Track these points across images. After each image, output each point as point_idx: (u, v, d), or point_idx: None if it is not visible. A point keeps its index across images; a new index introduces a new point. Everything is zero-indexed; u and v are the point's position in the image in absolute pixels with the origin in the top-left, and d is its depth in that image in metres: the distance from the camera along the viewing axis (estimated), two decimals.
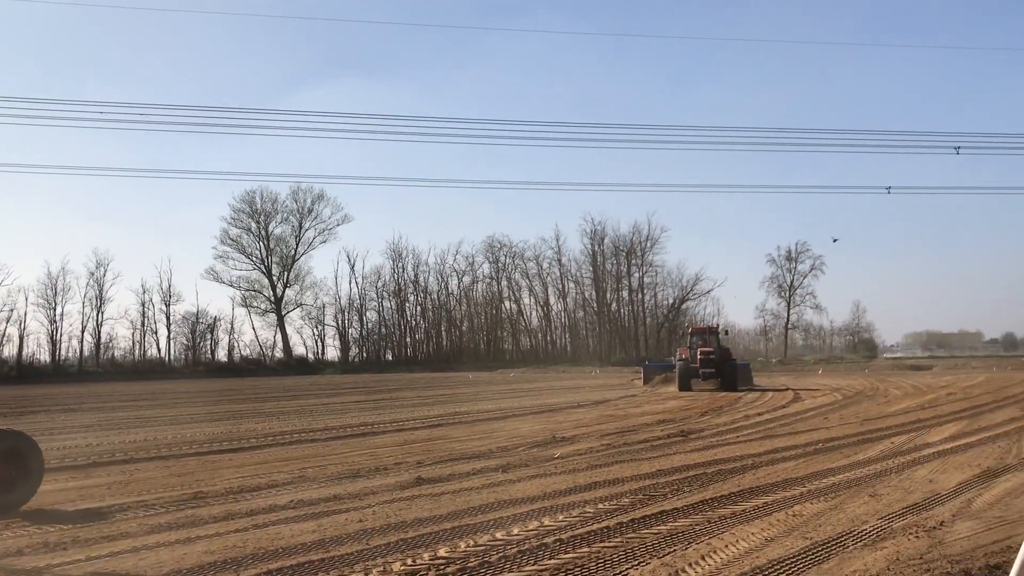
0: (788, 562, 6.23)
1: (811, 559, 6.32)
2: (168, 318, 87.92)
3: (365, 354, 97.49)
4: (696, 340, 35.97)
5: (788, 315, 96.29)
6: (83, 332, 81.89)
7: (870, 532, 7.20)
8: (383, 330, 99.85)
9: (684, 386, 33.02)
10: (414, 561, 6.46)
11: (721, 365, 33.35)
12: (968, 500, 8.65)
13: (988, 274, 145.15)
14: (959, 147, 48.45)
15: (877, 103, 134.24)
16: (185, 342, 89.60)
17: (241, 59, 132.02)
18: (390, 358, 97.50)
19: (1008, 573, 3.29)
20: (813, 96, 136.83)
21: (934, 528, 7.29)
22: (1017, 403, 22.47)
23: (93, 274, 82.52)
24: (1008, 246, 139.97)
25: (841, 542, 6.85)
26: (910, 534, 7.06)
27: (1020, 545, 3.24)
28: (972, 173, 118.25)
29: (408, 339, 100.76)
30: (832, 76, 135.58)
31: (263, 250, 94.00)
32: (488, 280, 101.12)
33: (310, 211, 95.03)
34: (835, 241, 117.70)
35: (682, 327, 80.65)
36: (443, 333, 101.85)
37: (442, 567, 6.27)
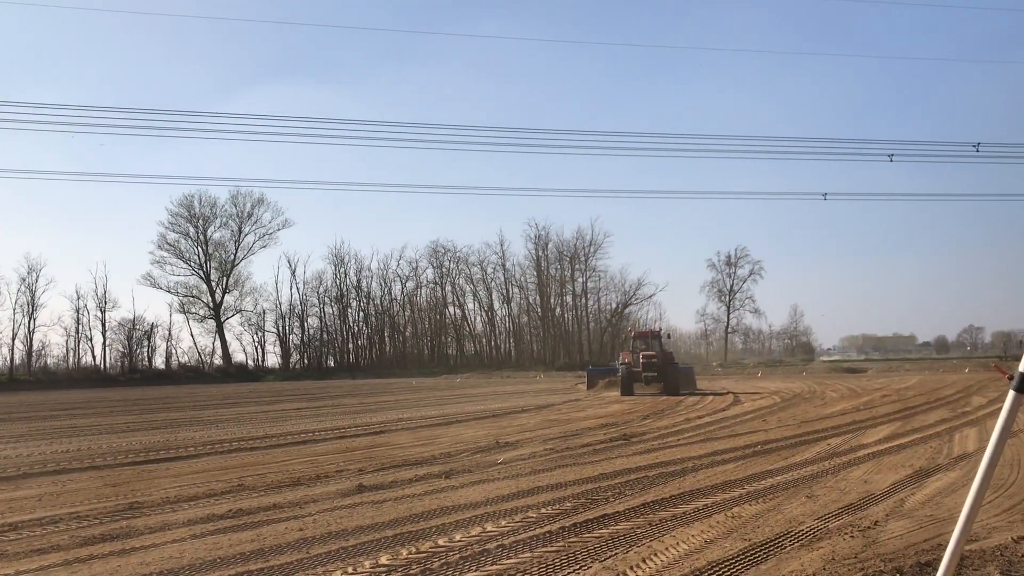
0: (727, 563, 6.30)
1: (749, 560, 6.40)
2: (103, 325, 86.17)
3: (306, 361, 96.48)
4: (639, 344, 36.06)
5: (728, 319, 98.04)
6: (14, 339, 79.79)
7: (807, 532, 7.33)
8: (325, 336, 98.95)
9: (627, 391, 32.81)
10: (355, 569, 6.38)
11: (664, 369, 33.17)
12: (901, 500, 8.86)
13: (920, 279, 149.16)
14: (892, 155, 49.77)
15: (816, 111, 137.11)
16: (121, 349, 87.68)
17: (181, 61, 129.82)
18: (332, 365, 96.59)
19: (937, 570, 3.36)
20: (753, 103, 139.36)
21: (868, 528, 7.44)
22: (948, 404, 23.11)
23: (25, 280, 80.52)
24: (939, 252, 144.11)
25: (779, 543, 6.96)
26: (845, 534, 7.20)
27: (949, 542, 3.32)
28: (905, 180, 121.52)
29: (350, 345, 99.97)
30: (773, 84, 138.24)
31: (202, 255, 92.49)
32: (432, 285, 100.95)
33: (250, 215, 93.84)
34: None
35: (625, 331, 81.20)
36: (386, 339, 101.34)
37: (383, 575, 6.21)
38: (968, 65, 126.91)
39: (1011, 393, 3.14)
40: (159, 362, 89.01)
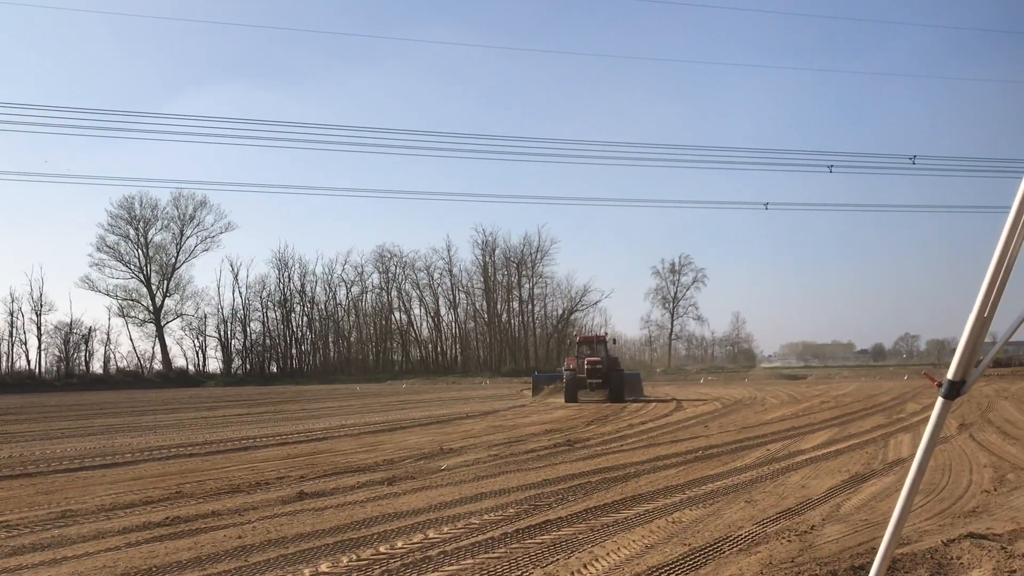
0: (667, 568, 6.35)
1: (689, 565, 6.47)
2: (39, 328, 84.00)
3: (249, 366, 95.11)
4: (584, 349, 35.15)
5: (672, 326, 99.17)
6: None
7: (746, 537, 7.43)
8: (268, 341, 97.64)
9: (571, 397, 32.20)
10: None
11: (608, 375, 32.49)
12: (837, 504, 9.04)
13: (858, 288, 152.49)
14: (832, 166, 51.00)
15: (758, 122, 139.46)
16: (57, 353, 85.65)
17: (122, 60, 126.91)
18: (275, 370, 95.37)
19: (870, 573, 3.44)
20: (699, 114, 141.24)
21: (805, 532, 7.57)
22: (884, 411, 23.65)
23: None
24: (877, 261, 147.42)
25: (718, 547, 7.04)
26: (783, 538, 7.32)
27: (880, 546, 3.39)
28: (845, 191, 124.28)
29: (294, 350, 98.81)
30: (716, 96, 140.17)
31: (142, 258, 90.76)
32: (378, 290, 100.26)
33: (192, 218, 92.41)
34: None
35: (571, 337, 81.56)
36: (331, 344, 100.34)
37: None
38: (905, 79, 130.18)
39: (939, 400, 3.22)
40: (97, 367, 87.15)
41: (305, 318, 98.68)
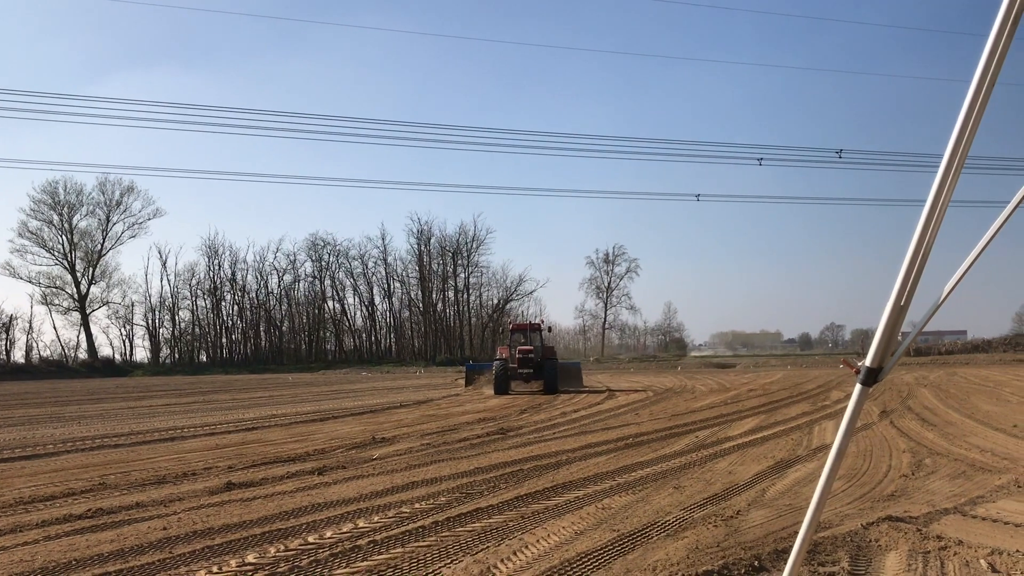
0: (595, 554, 6.41)
1: (617, 550, 6.54)
2: None
3: (177, 355, 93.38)
4: (518, 338, 33.13)
5: (605, 315, 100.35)
6: None
7: (673, 523, 7.54)
8: (197, 330, 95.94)
9: (501, 389, 30.12)
10: (220, 569, 6.19)
11: (542, 365, 30.78)
12: (763, 490, 9.23)
13: (786, 278, 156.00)
14: (761, 159, 52.00)
15: (690, 114, 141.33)
16: None
17: (47, 41, 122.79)
18: (204, 359, 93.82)
19: (790, 557, 3.52)
20: (633, 106, 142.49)
21: (731, 517, 7.71)
22: (809, 398, 24.25)
23: None
24: (804, 253, 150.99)
25: (646, 533, 7.13)
26: (709, 523, 7.44)
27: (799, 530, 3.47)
28: (773, 184, 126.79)
29: (224, 339, 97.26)
30: (651, 88, 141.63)
31: (66, 244, 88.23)
32: (310, 279, 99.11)
33: (119, 204, 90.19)
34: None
35: (503, 325, 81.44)
36: (262, 333, 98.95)
37: (250, 573, 6.05)
38: (832, 74, 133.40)
39: (857, 386, 3.29)
40: (18, 356, 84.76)
41: (236, 307, 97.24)
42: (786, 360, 74.25)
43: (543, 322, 34.98)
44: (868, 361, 3.25)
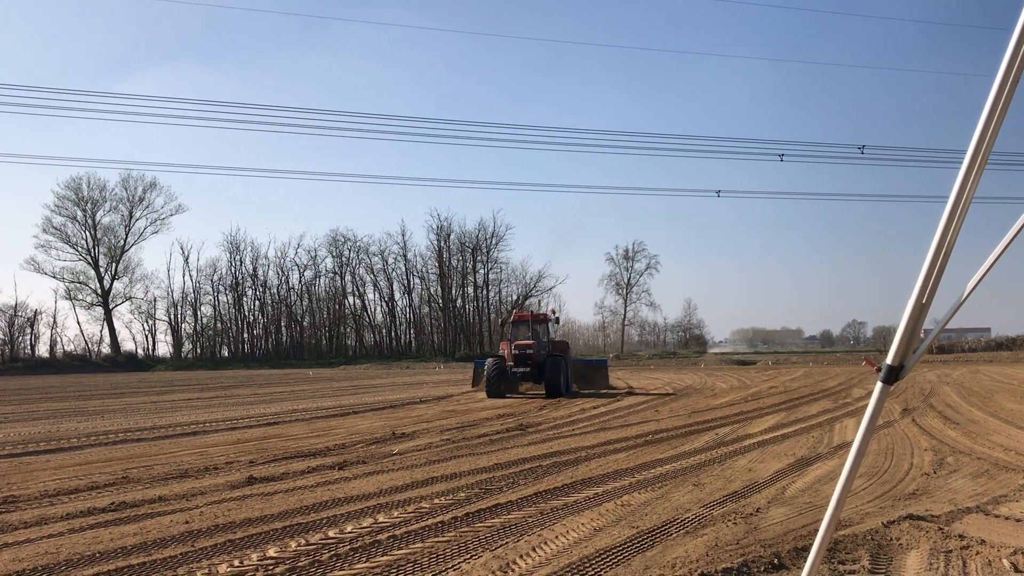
0: (615, 551, 6.42)
1: (636, 547, 6.54)
2: None
3: (199, 350, 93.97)
4: (521, 331, 27.42)
5: (625, 312, 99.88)
6: None
7: (692, 520, 7.53)
8: (219, 325, 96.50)
9: (494, 392, 25.39)
10: (241, 563, 6.25)
11: (543, 363, 25.74)
12: (783, 487, 9.19)
13: (808, 275, 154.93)
14: (783, 155, 51.72)
15: (712, 110, 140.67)
16: (2, 337, 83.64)
17: (72, 38, 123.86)
18: (226, 354, 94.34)
19: (810, 555, 3.50)
20: (653, 101, 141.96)
21: (751, 514, 7.69)
22: (830, 396, 24.10)
23: None
24: (826, 249, 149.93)
25: (665, 530, 7.12)
26: (729, 521, 7.43)
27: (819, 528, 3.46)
28: (795, 180, 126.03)
29: (246, 335, 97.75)
30: (671, 84, 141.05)
31: (90, 240, 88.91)
32: (331, 275, 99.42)
33: (141, 200, 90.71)
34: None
35: (502, 316, 79.77)
36: (283, 329, 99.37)
37: (271, 567, 6.09)
38: (855, 70, 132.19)
39: (878, 384, 3.27)
40: (43, 351, 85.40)
41: (257, 302, 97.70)
42: (807, 357, 73.71)
43: (553, 312, 29.12)
44: (889, 359, 3.23)
